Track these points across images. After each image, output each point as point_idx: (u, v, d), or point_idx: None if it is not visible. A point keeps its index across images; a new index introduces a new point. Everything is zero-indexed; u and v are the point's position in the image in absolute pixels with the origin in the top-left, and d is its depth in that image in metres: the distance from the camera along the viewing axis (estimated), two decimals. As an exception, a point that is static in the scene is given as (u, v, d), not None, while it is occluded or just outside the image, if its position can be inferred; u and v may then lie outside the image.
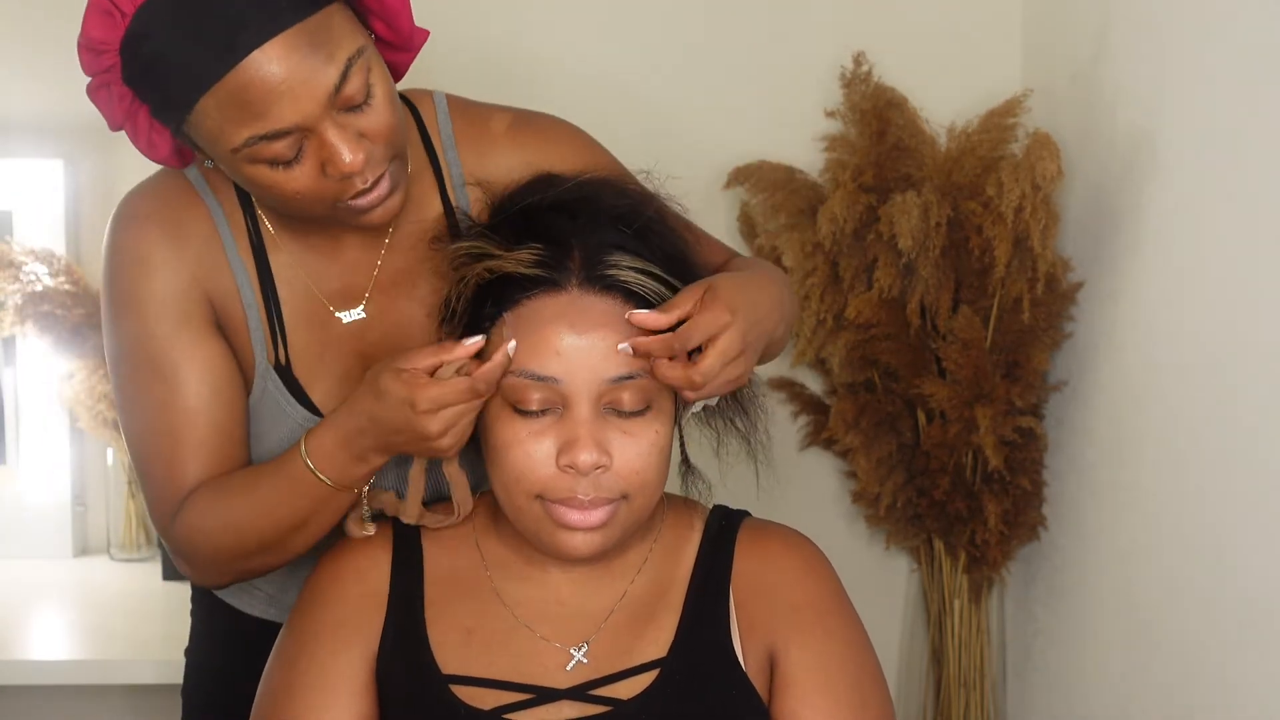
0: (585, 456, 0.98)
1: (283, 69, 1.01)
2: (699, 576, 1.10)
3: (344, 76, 1.04)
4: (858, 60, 2.00)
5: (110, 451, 2.17)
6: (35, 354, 2.12)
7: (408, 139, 1.17)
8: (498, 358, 1.00)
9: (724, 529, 1.13)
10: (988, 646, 2.06)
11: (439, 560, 1.12)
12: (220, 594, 1.41)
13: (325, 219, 1.14)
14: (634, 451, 1.00)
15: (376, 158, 1.08)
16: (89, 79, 1.08)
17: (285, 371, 1.21)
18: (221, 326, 1.21)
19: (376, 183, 1.09)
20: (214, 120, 1.04)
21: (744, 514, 1.15)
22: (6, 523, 2.16)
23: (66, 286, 2.06)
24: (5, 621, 1.96)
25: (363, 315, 1.22)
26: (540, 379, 0.99)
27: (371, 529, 1.13)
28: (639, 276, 1.01)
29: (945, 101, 2.02)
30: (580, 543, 1.01)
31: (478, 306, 1.04)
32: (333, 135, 1.04)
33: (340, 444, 1.10)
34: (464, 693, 1.04)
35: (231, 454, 1.19)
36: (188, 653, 1.49)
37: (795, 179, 2.01)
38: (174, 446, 1.17)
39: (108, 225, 1.22)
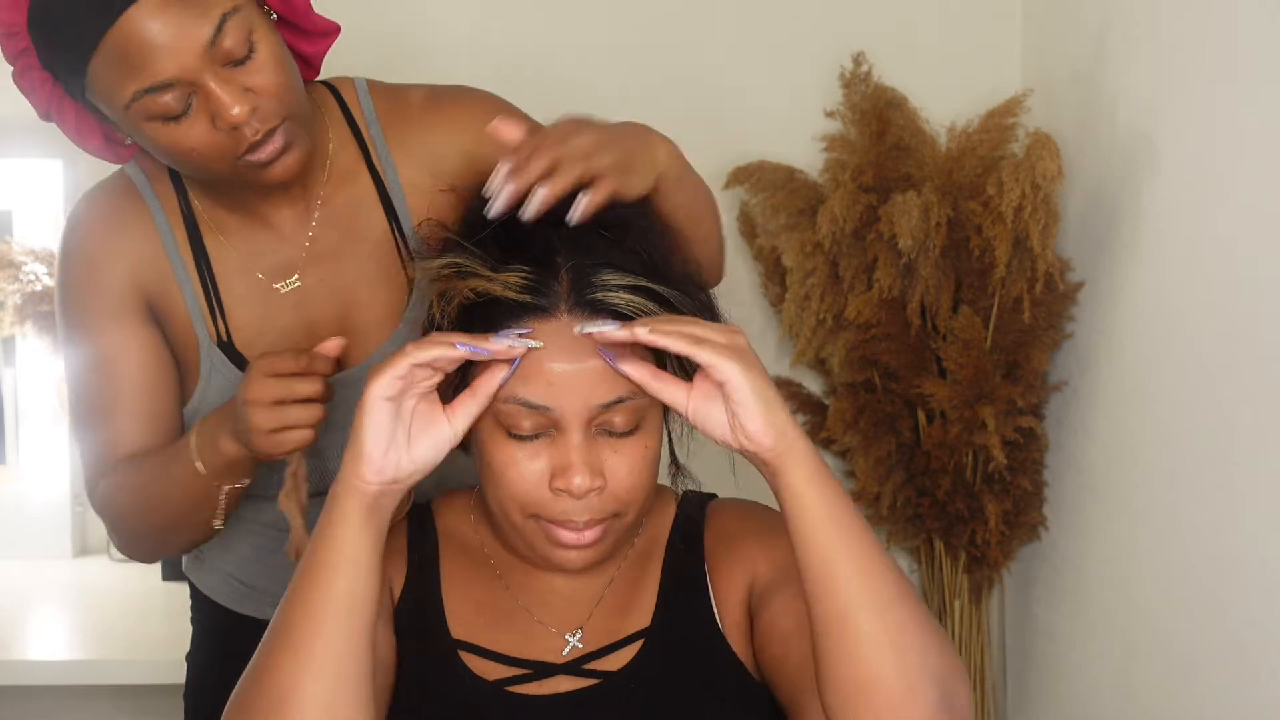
0: (579, 481, 0.98)
1: (157, 24, 1.08)
2: (674, 549, 1.13)
3: (219, 30, 1.09)
4: (858, 60, 2.00)
5: (110, 451, 2.17)
6: (35, 354, 2.13)
7: (330, 120, 1.27)
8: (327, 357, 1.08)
9: (695, 505, 1.17)
10: (988, 646, 2.06)
11: (450, 533, 1.15)
12: (215, 597, 1.42)
13: (231, 179, 1.18)
14: (626, 470, 1.01)
15: (265, 111, 1.13)
16: (11, 68, 1.15)
17: (229, 348, 1.27)
18: (161, 317, 1.29)
19: (270, 137, 1.14)
20: (104, 80, 1.10)
21: (713, 495, 1.19)
22: (6, 523, 2.16)
23: (66, 286, 2.06)
24: (5, 621, 1.96)
25: (298, 284, 1.28)
26: (532, 407, 0.98)
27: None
28: (628, 296, 1.00)
29: (945, 101, 2.02)
30: (575, 558, 1.03)
31: (462, 327, 1.03)
32: (215, 87, 1.10)
33: (216, 420, 1.17)
34: (470, 660, 1.07)
35: (157, 436, 1.27)
36: (189, 657, 1.50)
37: (795, 179, 2.01)
38: (101, 426, 1.27)
39: (61, 229, 1.31)
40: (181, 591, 2.06)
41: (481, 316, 1.01)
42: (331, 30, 1.23)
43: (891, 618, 0.93)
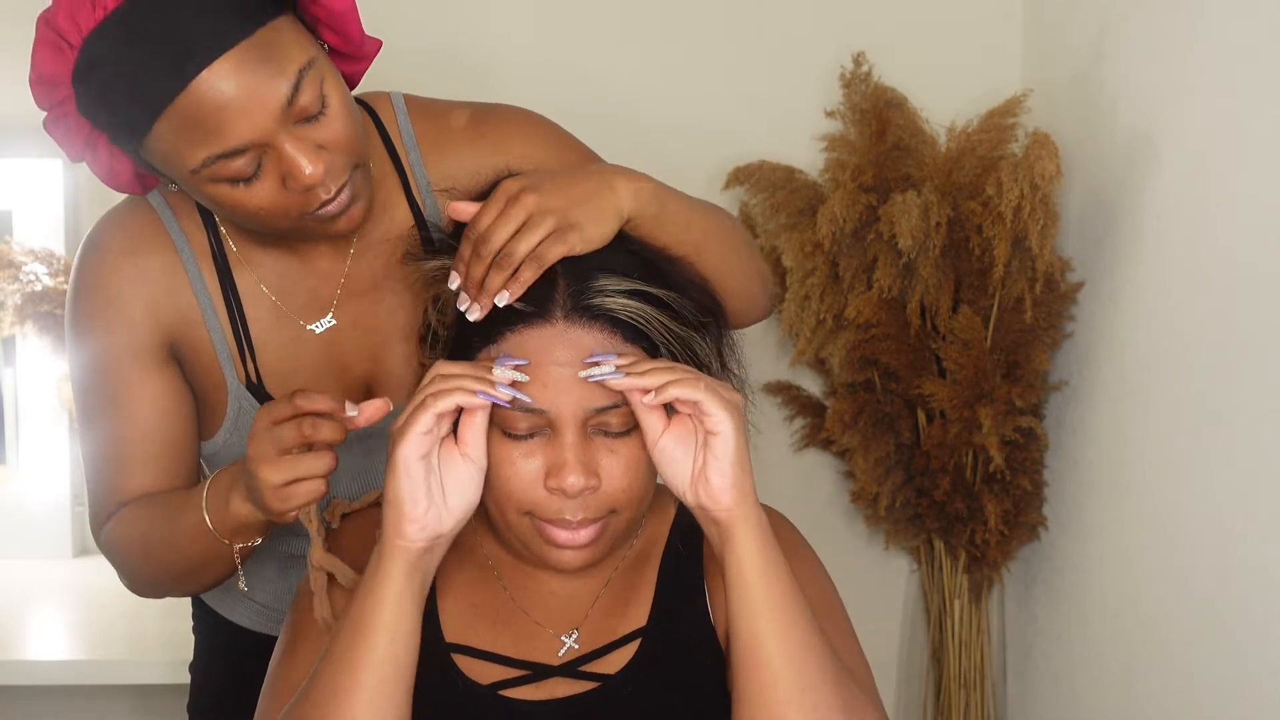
0: (573, 480, 0.98)
1: (233, 86, 1.01)
2: (673, 549, 1.13)
3: (296, 88, 1.03)
4: (858, 60, 2.00)
5: (110, 451, 2.17)
6: (35, 354, 2.12)
7: (369, 146, 1.16)
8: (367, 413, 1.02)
9: None
10: (988, 646, 2.06)
11: None
12: (216, 607, 1.42)
13: (290, 233, 1.14)
14: (621, 470, 1.01)
15: (337, 167, 1.07)
16: (44, 114, 1.08)
17: (258, 389, 1.22)
18: (184, 356, 1.23)
19: (339, 192, 1.08)
20: (169, 143, 1.03)
21: None
22: (6, 523, 2.16)
23: (66, 286, 2.06)
24: (5, 621, 1.96)
25: (333, 323, 1.23)
26: (528, 410, 0.99)
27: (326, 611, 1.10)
28: (625, 302, 1.00)
29: (945, 101, 2.02)
30: (570, 558, 1.03)
31: (460, 330, 1.03)
32: (290, 148, 1.04)
33: (229, 479, 1.11)
34: (464, 663, 1.07)
35: (169, 479, 1.22)
36: (192, 669, 1.50)
37: (795, 179, 2.01)
38: (113, 468, 1.21)
39: (77, 252, 1.24)
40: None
41: (478, 323, 1.01)
42: (375, 49, 1.16)
43: (809, 702, 0.96)
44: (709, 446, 0.96)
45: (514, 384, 0.97)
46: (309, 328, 1.23)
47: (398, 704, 0.96)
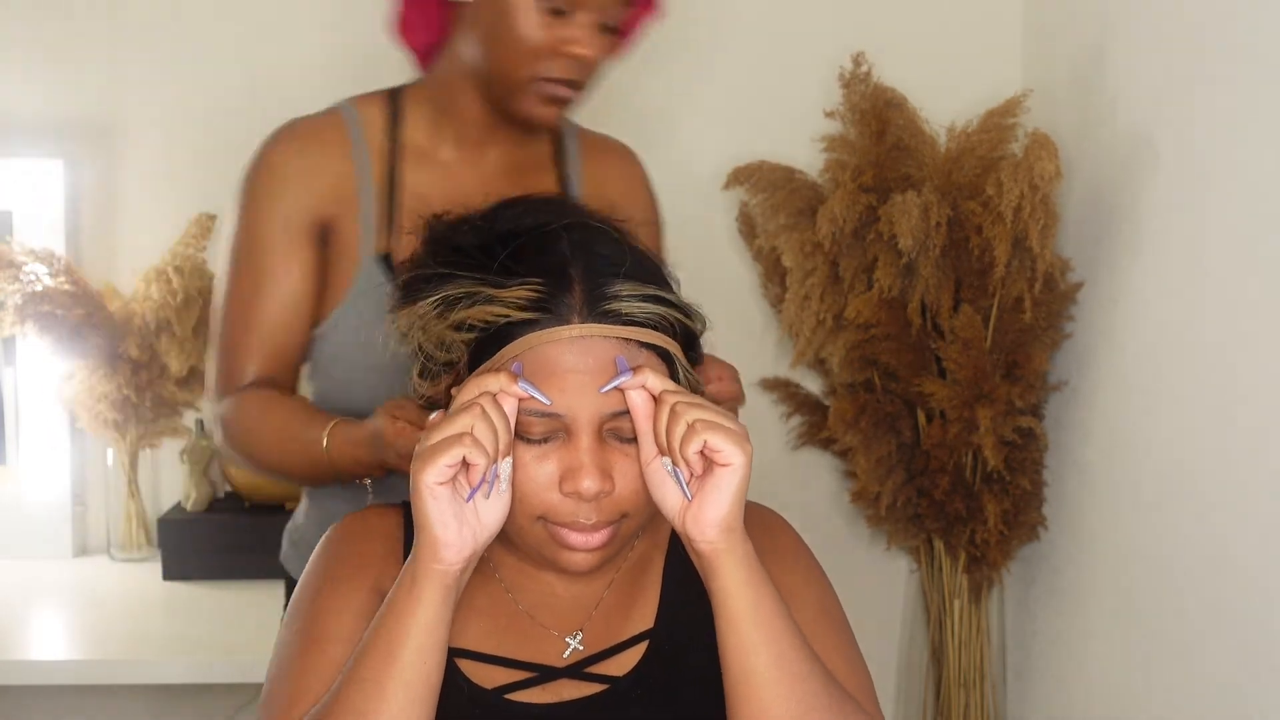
0: (589, 483, 0.98)
1: None
2: (677, 550, 1.13)
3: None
4: (857, 60, 2.00)
5: (110, 452, 2.17)
6: (35, 354, 2.13)
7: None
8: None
9: None
10: (988, 646, 2.06)
11: None
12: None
13: (507, 93, 1.33)
14: (634, 474, 1.01)
15: (591, 64, 1.32)
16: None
17: (387, 260, 1.37)
18: (330, 230, 1.39)
19: (572, 86, 1.31)
20: None
21: None
22: (6, 523, 2.16)
23: (66, 286, 2.06)
24: (5, 621, 1.96)
25: None
26: (545, 415, 0.99)
27: None
28: (641, 305, 1.00)
29: (945, 101, 2.02)
30: (582, 560, 1.03)
31: (476, 346, 1.01)
32: (584, 32, 1.29)
33: (356, 441, 1.28)
34: (468, 668, 1.07)
35: (282, 362, 1.40)
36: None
37: (795, 179, 2.01)
38: (241, 338, 1.39)
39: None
40: (181, 591, 2.06)
41: (495, 331, 1.00)
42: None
43: None
44: (714, 476, 0.96)
45: (529, 400, 0.97)
46: None
47: None
